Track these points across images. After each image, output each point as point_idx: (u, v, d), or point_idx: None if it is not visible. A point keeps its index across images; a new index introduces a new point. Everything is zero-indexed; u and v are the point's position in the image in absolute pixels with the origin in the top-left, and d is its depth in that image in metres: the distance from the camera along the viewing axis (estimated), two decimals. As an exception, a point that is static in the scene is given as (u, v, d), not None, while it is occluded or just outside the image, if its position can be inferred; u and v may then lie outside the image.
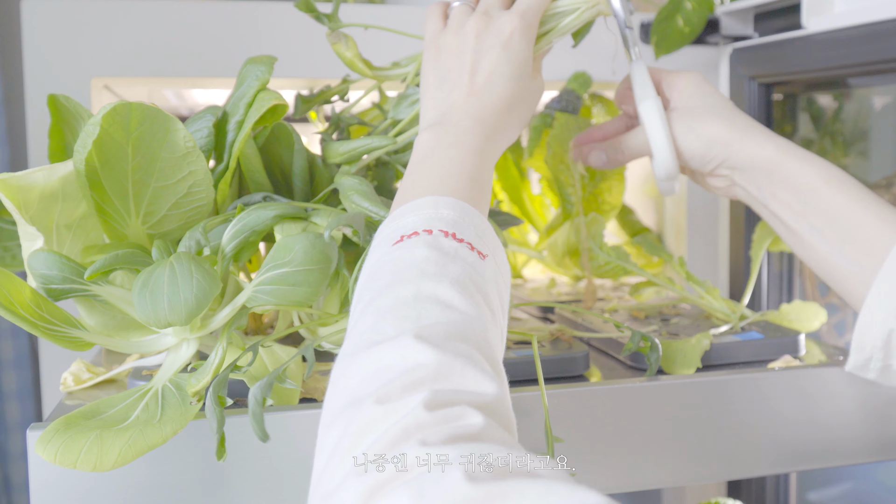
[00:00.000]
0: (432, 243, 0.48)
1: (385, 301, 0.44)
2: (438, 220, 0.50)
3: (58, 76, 0.90)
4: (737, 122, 0.66)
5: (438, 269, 0.46)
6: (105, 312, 0.61)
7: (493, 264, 0.50)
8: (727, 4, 1.05)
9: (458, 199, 0.52)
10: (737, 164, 0.65)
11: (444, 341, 0.41)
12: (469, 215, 0.51)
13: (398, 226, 0.50)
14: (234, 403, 0.60)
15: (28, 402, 1.28)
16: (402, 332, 0.41)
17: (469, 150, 0.57)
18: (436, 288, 0.44)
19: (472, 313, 0.44)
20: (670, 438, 0.64)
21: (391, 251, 0.48)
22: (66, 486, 0.54)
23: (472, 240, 0.49)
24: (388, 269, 0.47)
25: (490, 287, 0.48)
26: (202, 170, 0.61)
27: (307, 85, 1.04)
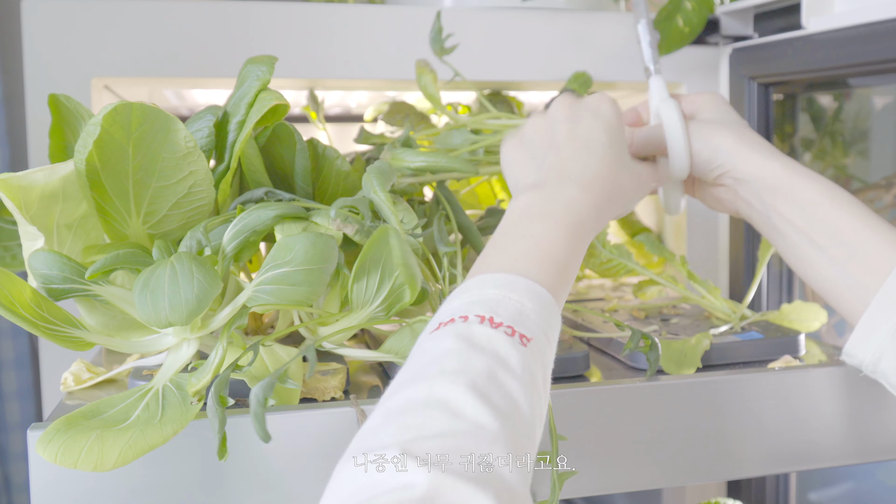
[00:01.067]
0: (462, 333, 0.45)
1: (396, 401, 0.43)
2: (480, 302, 0.47)
3: (58, 76, 0.90)
4: (745, 136, 0.67)
5: (458, 366, 0.43)
6: (105, 312, 0.61)
7: (541, 345, 0.47)
8: (727, 4, 1.05)
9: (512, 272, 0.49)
10: (741, 176, 0.65)
11: (439, 458, 0.38)
12: (517, 292, 0.48)
13: (441, 312, 0.49)
14: (236, 403, 0.60)
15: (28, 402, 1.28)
16: (398, 442, 0.39)
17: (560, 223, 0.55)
18: (449, 392, 0.42)
19: (485, 423, 0.41)
20: (670, 438, 0.64)
21: (425, 340, 0.47)
22: (66, 486, 0.54)
23: (513, 322, 0.46)
24: (414, 361, 0.46)
25: (524, 381, 0.45)
26: (203, 170, 0.61)
27: (307, 85, 1.04)
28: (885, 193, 1.08)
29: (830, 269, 0.62)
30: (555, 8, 1.04)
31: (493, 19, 1.01)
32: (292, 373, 0.60)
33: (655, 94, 0.73)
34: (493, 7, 1.03)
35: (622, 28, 1.05)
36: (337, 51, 0.97)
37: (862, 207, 0.62)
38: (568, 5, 1.05)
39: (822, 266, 0.62)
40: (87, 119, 0.66)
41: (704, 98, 0.71)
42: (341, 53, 0.97)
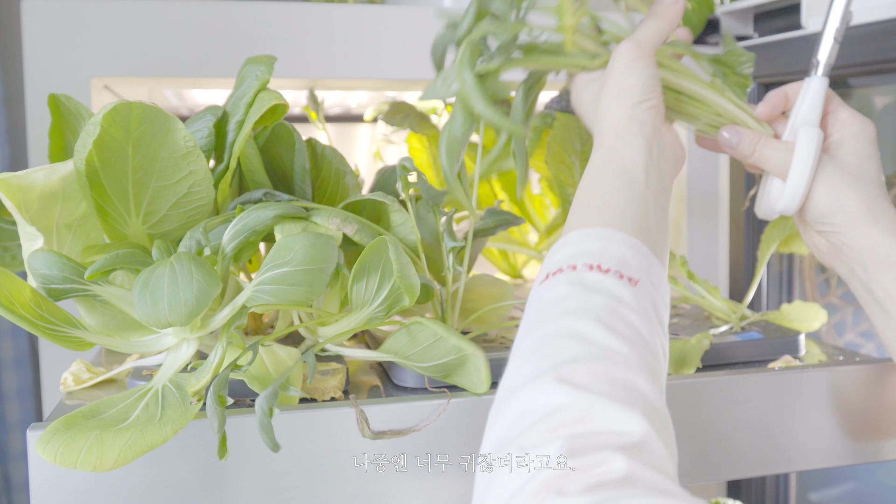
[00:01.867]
0: (575, 279, 0.47)
1: (527, 342, 0.45)
2: (582, 253, 0.49)
3: (58, 76, 0.90)
4: (875, 203, 0.61)
5: (580, 305, 0.45)
6: (105, 312, 0.61)
7: (647, 288, 0.49)
8: (727, 4, 1.05)
9: (606, 226, 0.51)
10: (851, 242, 0.61)
11: (584, 380, 0.40)
12: (616, 242, 0.50)
13: (546, 265, 0.51)
14: (235, 403, 0.60)
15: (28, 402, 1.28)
16: (542, 372, 0.41)
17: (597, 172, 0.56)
18: (576, 324, 0.44)
19: (616, 348, 0.43)
20: (670, 438, 0.64)
21: (537, 291, 0.49)
22: (66, 486, 0.54)
23: (620, 267, 0.48)
24: (532, 309, 0.47)
25: (641, 314, 0.47)
26: (202, 169, 0.61)
27: (307, 85, 1.04)
28: (885, 193, 1.08)
29: None
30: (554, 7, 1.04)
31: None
32: (293, 374, 0.61)
33: (807, 105, 0.64)
34: None
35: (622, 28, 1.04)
36: (337, 51, 0.97)
37: None
38: (568, 5, 1.04)
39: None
40: (86, 119, 0.66)
41: (856, 129, 0.64)
42: (341, 53, 0.97)
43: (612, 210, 0.53)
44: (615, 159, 0.57)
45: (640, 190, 0.55)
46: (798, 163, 0.62)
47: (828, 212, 0.61)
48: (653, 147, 0.58)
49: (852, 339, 1.09)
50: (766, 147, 0.64)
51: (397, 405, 0.59)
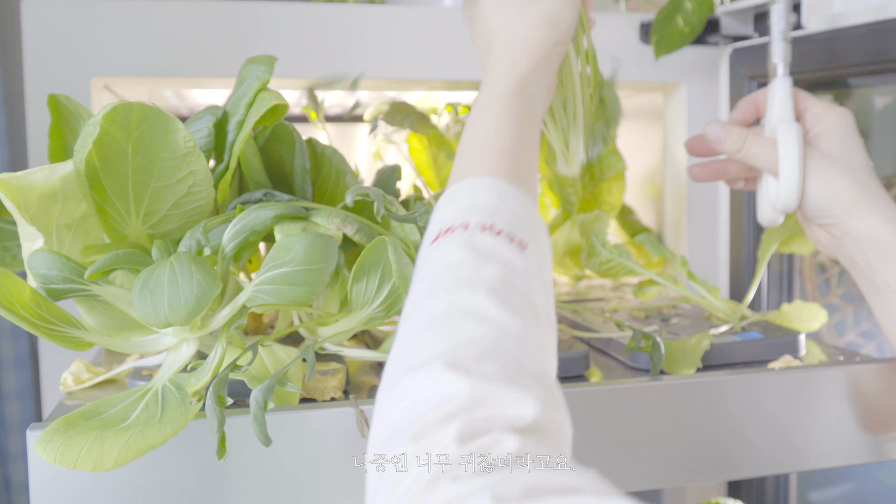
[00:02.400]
0: (468, 242, 0.45)
1: (419, 317, 0.43)
2: (475, 209, 0.47)
3: (58, 76, 0.90)
4: (868, 188, 0.61)
5: (474, 275, 0.44)
6: (105, 312, 0.61)
7: (535, 252, 0.47)
8: (727, 4, 1.05)
9: (497, 176, 0.49)
10: (851, 232, 0.61)
11: (477, 364, 0.39)
12: (508, 198, 0.48)
13: (437, 218, 0.49)
14: (234, 403, 0.60)
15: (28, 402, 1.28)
16: (435, 356, 0.40)
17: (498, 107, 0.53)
18: (470, 298, 0.43)
19: (510, 324, 0.42)
20: (670, 438, 0.64)
21: (429, 252, 0.47)
22: (66, 486, 0.54)
23: (513, 228, 0.47)
24: (423, 275, 0.46)
25: (533, 282, 0.46)
26: (202, 170, 0.61)
27: (307, 85, 1.04)
28: (885, 193, 1.08)
29: None
30: None
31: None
32: (292, 374, 0.60)
33: (778, 106, 0.65)
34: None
35: (622, 28, 1.04)
36: (338, 51, 0.97)
37: None
38: (568, 5, 1.04)
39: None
40: (86, 119, 0.66)
41: (834, 119, 0.64)
42: (341, 53, 0.97)
43: (508, 156, 0.51)
44: (522, 97, 0.53)
45: (536, 133, 0.53)
46: (785, 157, 0.62)
47: (824, 204, 0.61)
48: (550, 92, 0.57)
49: (852, 339, 1.09)
50: (754, 143, 0.64)
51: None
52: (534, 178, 0.52)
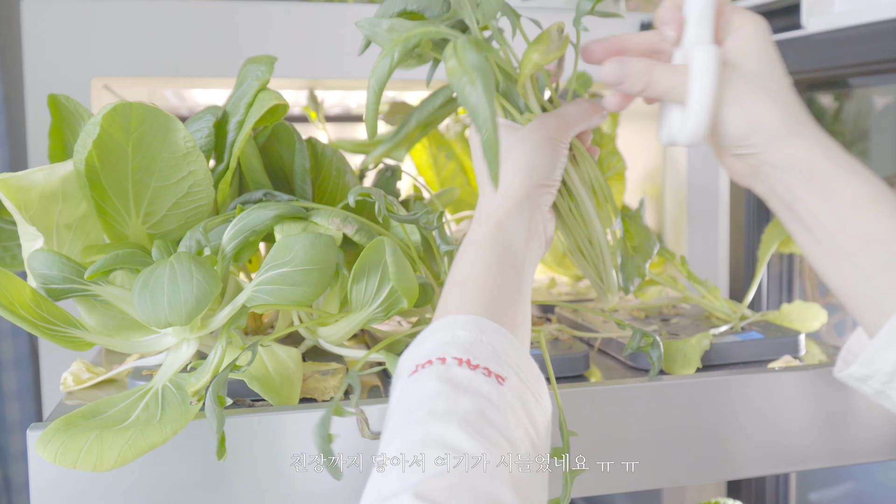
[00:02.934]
0: (444, 375, 0.46)
1: (393, 448, 0.44)
2: (453, 344, 0.48)
3: (58, 76, 0.90)
4: (789, 111, 0.55)
5: (448, 406, 0.44)
6: (105, 312, 0.61)
7: (515, 385, 0.48)
8: (727, 4, 1.05)
9: (476, 314, 0.50)
10: (771, 160, 0.56)
11: (447, 497, 0.39)
12: (487, 334, 0.49)
13: (416, 354, 0.49)
14: (234, 403, 0.60)
15: (28, 402, 1.28)
16: (405, 487, 0.40)
17: (479, 248, 0.54)
18: (443, 430, 0.43)
19: (480, 456, 0.42)
20: (670, 438, 0.64)
21: (406, 384, 0.47)
22: (66, 486, 0.54)
23: (489, 363, 0.47)
24: (401, 406, 0.46)
25: (511, 415, 0.45)
26: (202, 170, 0.61)
27: (307, 85, 1.04)
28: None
29: (857, 279, 0.55)
30: (555, 7, 1.04)
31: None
32: (292, 373, 0.61)
33: (695, 23, 0.56)
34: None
35: (622, 28, 1.05)
36: (337, 51, 0.97)
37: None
38: (567, 5, 1.05)
39: (849, 274, 0.55)
40: (86, 119, 0.66)
41: (749, 31, 0.56)
42: (341, 53, 0.97)
43: (489, 296, 0.52)
44: (501, 237, 0.55)
45: (518, 275, 0.54)
46: (697, 86, 0.54)
47: (742, 133, 0.55)
48: (535, 232, 0.57)
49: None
50: (661, 74, 0.56)
51: (397, 405, 0.59)
52: (518, 314, 0.53)
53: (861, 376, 0.57)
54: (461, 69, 0.52)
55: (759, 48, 0.56)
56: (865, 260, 0.54)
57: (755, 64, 0.56)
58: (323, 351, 0.68)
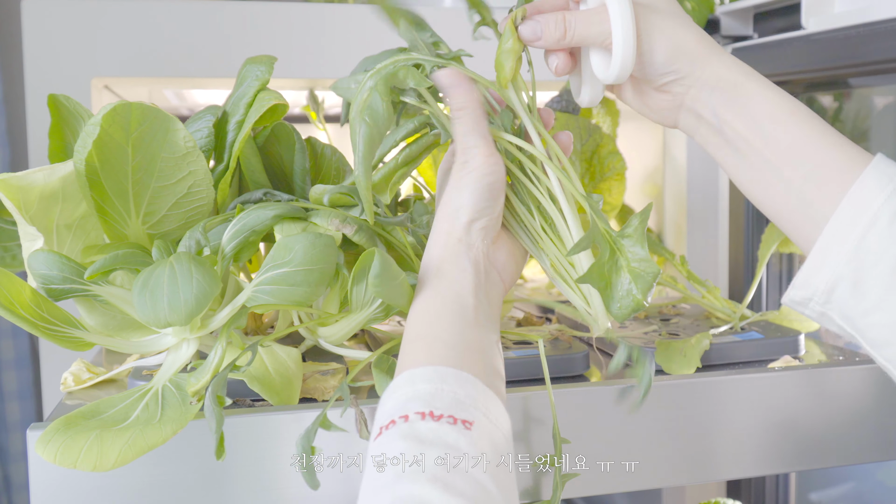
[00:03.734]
0: (408, 433, 0.45)
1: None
2: (414, 398, 0.47)
3: (58, 76, 0.90)
4: (705, 36, 0.58)
5: (415, 465, 0.43)
6: (105, 312, 0.61)
7: (484, 429, 0.47)
8: (727, 4, 1.05)
9: (436, 364, 0.49)
10: (696, 83, 0.57)
11: None
12: (448, 381, 0.48)
13: (379, 416, 0.48)
14: (234, 403, 0.60)
15: (28, 402, 1.28)
16: None
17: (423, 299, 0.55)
18: (411, 488, 0.42)
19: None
20: (670, 438, 0.64)
21: (373, 449, 0.46)
22: (66, 486, 0.54)
23: (453, 410, 0.46)
24: (369, 472, 0.45)
25: (480, 459, 0.45)
26: (202, 170, 0.61)
27: (307, 85, 1.04)
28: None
29: (786, 193, 0.55)
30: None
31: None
32: (292, 372, 0.61)
33: None
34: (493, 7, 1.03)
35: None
36: (337, 51, 0.97)
37: (823, 125, 0.55)
38: (568, 5, 1.04)
39: (778, 190, 0.56)
40: (86, 119, 0.66)
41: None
42: (341, 53, 0.97)
43: (443, 345, 0.51)
44: (443, 286, 0.55)
45: (470, 318, 0.54)
46: (620, 21, 0.56)
47: (668, 58, 0.57)
48: (480, 270, 0.56)
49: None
50: (579, 22, 0.57)
51: (397, 405, 0.59)
52: (480, 355, 0.52)
53: (801, 299, 0.56)
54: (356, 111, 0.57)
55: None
56: (793, 172, 0.55)
57: (662, 2, 0.59)
58: (323, 351, 0.68)
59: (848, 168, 0.53)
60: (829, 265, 0.53)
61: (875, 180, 0.52)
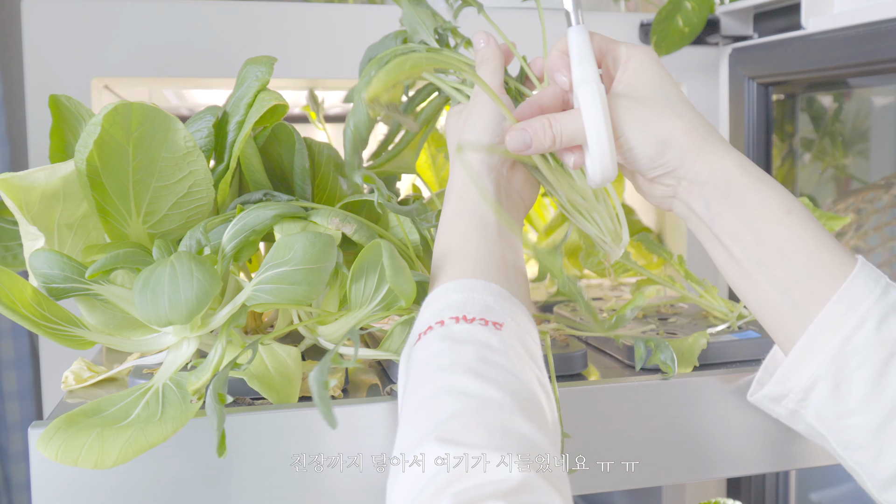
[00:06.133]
0: (444, 335, 0.49)
1: (409, 406, 0.46)
2: (448, 307, 0.51)
3: (58, 76, 0.91)
4: (696, 125, 0.56)
5: (451, 359, 0.47)
6: (106, 311, 0.62)
7: (513, 329, 0.50)
8: (727, 4, 1.05)
9: (466, 277, 0.53)
10: (687, 176, 0.56)
11: (463, 435, 0.41)
12: (478, 291, 0.51)
13: (417, 325, 0.52)
14: (234, 401, 0.61)
15: (28, 402, 1.28)
16: (425, 435, 0.42)
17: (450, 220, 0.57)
18: (450, 379, 0.45)
19: (490, 395, 0.44)
20: (668, 436, 0.64)
21: (412, 352, 0.50)
22: (67, 484, 0.54)
23: (484, 314, 0.50)
24: (411, 371, 0.49)
25: (511, 355, 0.48)
26: (202, 170, 0.61)
27: (307, 85, 1.05)
28: (884, 193, 1.08)
29: (772, 290, 0.55)
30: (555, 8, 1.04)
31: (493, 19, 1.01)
32: (292, 371, 0.61)
33: (575, 63, 0.57)
34: (493, 7, 1.03)
35: (622, 28, 1.05)
36: (337, 51, 0.97)
37: (817, 226, 0.55)
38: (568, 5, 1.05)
39: (765, 289, 0.55)
40: (87, 119, 0.67)
41: (637, 62, 0.58)
42: (341, 53, 0.97)
43: (471, 258, 0.54)
44: (468, 205, 0.57)
45: (493, 234, 0.56)
46: (590, 125, 0.55)
47: (655, 153, 0.55)
48: (501, 190, 0.58)
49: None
50: (564, 125, 0.56)
51: (396, 402, 0.59)
52: (505, 270, 0.55)
53: (776, 395, 0.57)
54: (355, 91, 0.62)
55: (648, 75, 0.57)
56: (783, 273, 0.54)
57: (648, 89, 0.57)
58: (322, 349, 0.69)
59: (837, 270, 0.53)
60: (812, 363, 0.53)
61: (863, 283, 0.53)
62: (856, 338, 0.52)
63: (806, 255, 0.54)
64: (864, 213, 1.08)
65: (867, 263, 0.54)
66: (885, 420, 0.52)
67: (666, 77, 0.58)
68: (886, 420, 0.52)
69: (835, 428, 0.54)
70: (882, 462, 0.52)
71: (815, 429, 0.55)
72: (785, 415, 0.57)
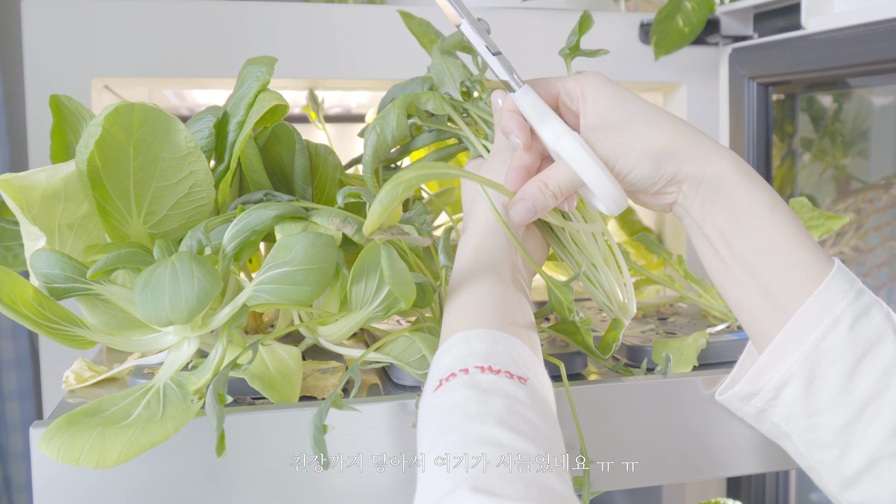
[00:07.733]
0: (470, 383, 0.47)
1: (435, 451, 0.45)
2: (471, 356, 0.50)
3: (58, 76, 0.91)
4: (676, 128, 0.56)
5: (480, 409, 0.45)
6: (107, 311, 0.62)
7: (536, 386, 0.49)
8: (727, 4, 1.05)
9: (487, 327, 0.52)
10: (685, 178, 0.56)
11: (499, 486, 0.40)
12: (500, 343, 0.51)
13: (436, 370, 0.51)
14: (235, 401, 0.61)
15: (29, 402, 1.28)
16: (458, 483, 0.41)
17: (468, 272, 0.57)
18: (481, 429, 0.44)
19: (523, 448, 0.43)
20: (668, 436, 0.65)
21: (433, 399, 0.48)
22: (68, 484, 0.55)
23: (510, 367, 0.49)
24: (433, 418, 0.47)
25: (538, 411, 0.47)
26: (203, 170, 0.61)
27: (307, 85, 1.05)
28: (884, 193, 1.08)
29: (753, 289, 0.56)
30: (554, 8, 1.04)
31: (493, 19, 1.01)
32: (292, 371, 0.61)
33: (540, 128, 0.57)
34: (493, 7, 1.03)
35: (622, 28, 1.05)
36: (337, 51, 0.97)
37: (799, 224, 0.56)
38: (567, 5, 1.05)
39: (746, 285, 0.56)
40: (88, 119, 0.67)
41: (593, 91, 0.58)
42: (341, 53, 0.98)
43: (491, 310, 0.54)
44: (483, 259, 0.57)
45: (510, 287, 0.56)
46: (584, 173, 0.56)
47: (651, 169, 0.56)
48: (513, 248, 0.59)
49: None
50: (558, 179, 0.57)
51: (396, 403, 0.59)
52: (522, 323, 0.55)
53: (746, 394, 0.58)
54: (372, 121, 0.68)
55: (609, 98, 0.57)
56: (764, 269, 0.55)
57: (616, 112, 0.57)
58: (323, 349, 0.69)
59: (816, 269, 0.55)
60: (787, 361, 0.54)
61: (839, 285, 0.54)
62: (829, 337, 0.53)
63: (788, 251, 0.55)
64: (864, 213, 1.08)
65: (843, 266, 0.55)
66: (852, 419, 0.53)
67: (625, 93, 0.58)
68: (853, 419, 0.53)
69: (802, 426, 0.55)
70: (846, 460, 0.53)
71: (780, 428, 0.56)
72: (752, 414, 0.58)
